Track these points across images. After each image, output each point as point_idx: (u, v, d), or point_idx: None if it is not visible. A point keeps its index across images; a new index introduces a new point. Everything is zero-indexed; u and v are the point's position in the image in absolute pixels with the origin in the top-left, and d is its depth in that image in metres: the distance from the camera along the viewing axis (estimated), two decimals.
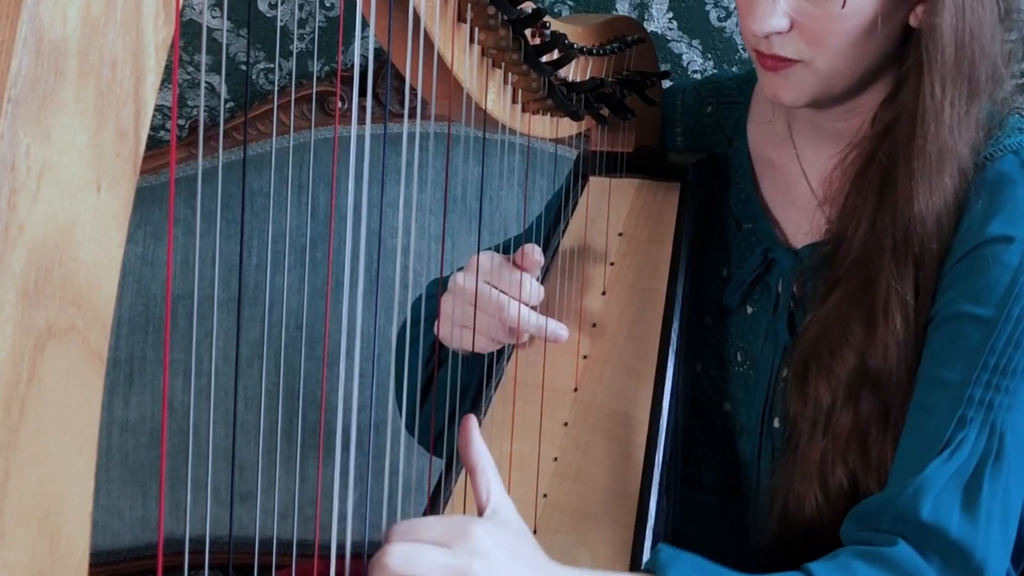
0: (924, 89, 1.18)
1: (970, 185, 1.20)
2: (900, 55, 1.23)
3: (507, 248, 1.40)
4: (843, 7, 1.16)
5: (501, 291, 1.23)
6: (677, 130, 1.46)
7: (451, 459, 1.24)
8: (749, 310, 1.35)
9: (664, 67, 1.49)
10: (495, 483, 1.02)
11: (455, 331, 1.26)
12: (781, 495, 1.24)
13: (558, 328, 1.26)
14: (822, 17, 1.18)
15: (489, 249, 1.31)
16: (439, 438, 1.27)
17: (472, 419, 1.03)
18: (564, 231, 1.39)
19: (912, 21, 1.20)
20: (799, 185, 1.36)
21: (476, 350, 1.27)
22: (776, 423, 1.31)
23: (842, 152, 1.27)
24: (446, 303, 1.26)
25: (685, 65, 2.11)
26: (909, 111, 1.19)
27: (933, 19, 1.16)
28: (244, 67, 2.12)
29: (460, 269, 1.27)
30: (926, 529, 1.12)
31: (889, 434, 1.21)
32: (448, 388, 1.24)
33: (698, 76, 2.09)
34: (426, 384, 1.35)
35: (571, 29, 1.19)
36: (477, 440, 1.02)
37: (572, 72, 1.22)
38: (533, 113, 1.20)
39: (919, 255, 1.20)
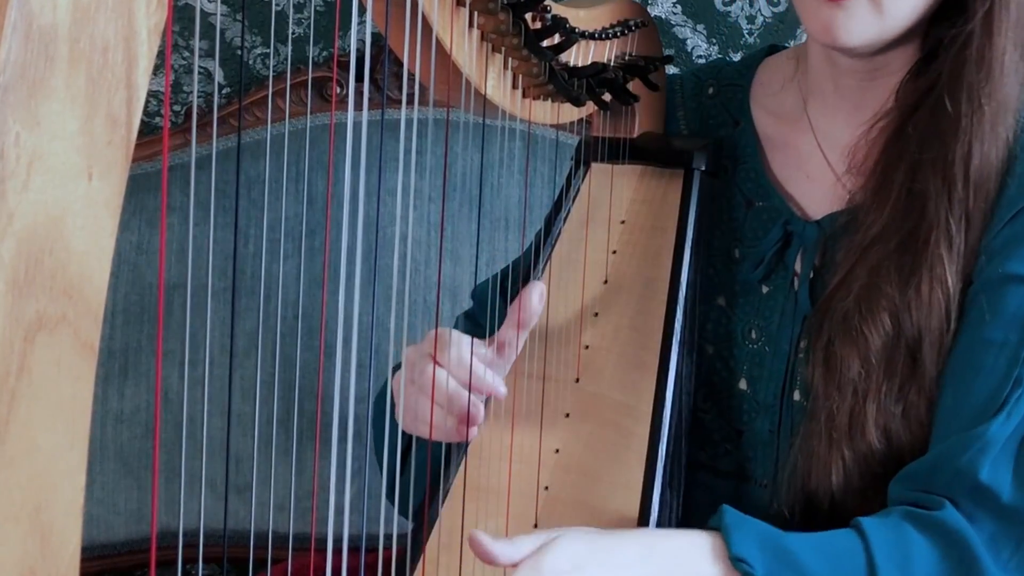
0: (995, 38, 1.19)
1: (1016, 143, 1.22)
2: (940, 18, 1.24)
3: (505, 277, 1.38)
4: None
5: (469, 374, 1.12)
6: (679, 115, 1.46)
7: (449, 454, 1.22)
8: (765, 289, 1.35)
9: (668, 52, 1.48)
10: (526, 542, 1.03)
11: (409, 419, 1.16)
12: (803, 463, 1.24)
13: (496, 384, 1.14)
14: None
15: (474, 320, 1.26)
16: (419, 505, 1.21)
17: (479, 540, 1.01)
18: (565, 219, 1.38)
19: None
20: (814, 158, 1.36)
21: (433, 437, 1.16)
22: (796, 396, 1.31)
23: (869, 121, 1.27)
24: (397, 382, 1.17)
25: (689, 50, 2.09)
26: (974, 62, 1.20)
27: None
28: (240, 52, 2.11)
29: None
30: (981, 490, 1.12)
31: (924, 391, 1.21)
32: (427, 459, 1.19)
33: (702, 61, 2.07)
34: (404, 450, 1.25)
35: (573, 13, 1.18)
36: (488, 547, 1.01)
37: (574, 57, 1.21)
38: (534, 99, 1.19)
39: (971, 211, 1.21)
